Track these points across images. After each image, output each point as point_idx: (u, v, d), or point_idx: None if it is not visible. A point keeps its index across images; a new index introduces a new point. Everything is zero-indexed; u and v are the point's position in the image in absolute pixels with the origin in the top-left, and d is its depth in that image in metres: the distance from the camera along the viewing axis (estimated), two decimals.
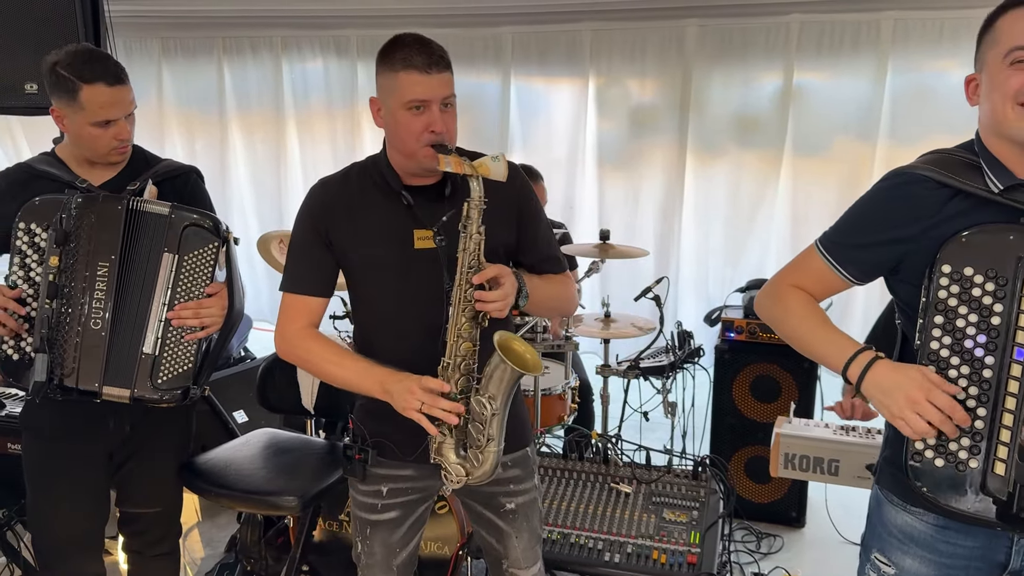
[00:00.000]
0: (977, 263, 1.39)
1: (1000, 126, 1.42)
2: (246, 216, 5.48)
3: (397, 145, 1.78)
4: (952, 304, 1.41)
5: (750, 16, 4.15)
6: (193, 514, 3.63)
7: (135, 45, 5.25)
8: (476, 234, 1.72)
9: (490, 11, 4.41)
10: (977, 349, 1.40)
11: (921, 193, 1.47)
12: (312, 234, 1.86)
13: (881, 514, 1.63)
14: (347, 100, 5.08)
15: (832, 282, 1.60)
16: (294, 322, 1.88)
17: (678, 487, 2.89)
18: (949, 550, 1.52)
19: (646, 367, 3.60)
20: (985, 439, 1.40)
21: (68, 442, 2.17)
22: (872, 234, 1.53)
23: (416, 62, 1.70)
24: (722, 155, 4.45)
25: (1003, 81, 1.39)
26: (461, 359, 1.75)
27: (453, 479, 1.77)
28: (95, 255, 2.07)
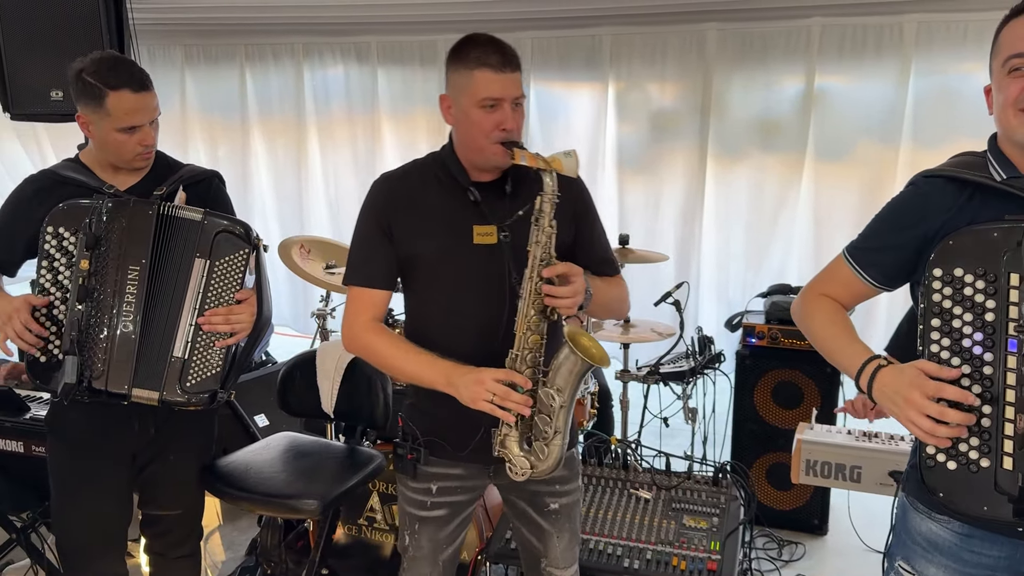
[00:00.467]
0: (966, 263, 1.42)
1: (1007, 132, 1.46)
2: (267, 221, 5.52)
3: (467, 141, 1.83)
4: (947, 306, 1.44)
5: (771, 20, 4.12)
6: (214, 517, 3.65)
7: (158, 52, 5.30)
8: (548, 227, 1.75)
9: (509, 16, 4.40)
10: (976, 347, 1.41)
11: (931, 192, 1.52)
12: (375, 227, 1.90)
13: (906, 522, 1.62)
14: (367, 106, 5.10)
15: (858, 288, 1.63)
16: (360, 315, 1.91)
17: (698, 493, 2.87)
18: (974, 559, 1.51)
19: (666, 372, 3.58)
20: (993, 436, 1.39)
21: (93, 444, 2.20)
22: (890, 236, 1.57)
23: (491, 61, 1.75)
24: (743, 159, 4.42)
25: (1004, 89, 1.43)
26: (529, 351, 1.77)
27: (518, 472, 1.78)
28: (126, 259, 2.10)
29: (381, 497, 3.01)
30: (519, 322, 1.78)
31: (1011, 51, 1.42)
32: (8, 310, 2.06)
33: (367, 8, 4.46)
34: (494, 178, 1.88)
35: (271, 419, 3.81)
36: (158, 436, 2.25)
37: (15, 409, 2.79)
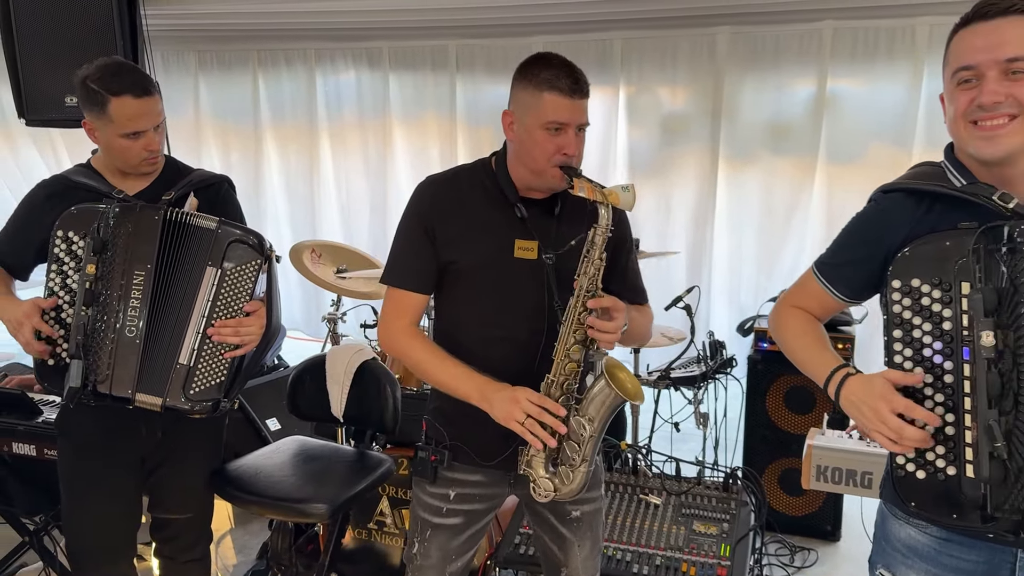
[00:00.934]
0: (922, 273, 1.43)
1: (959, 144, 1.47)
2: (280, 226, 5.54)
3: (526, 160, 1.81)
4: (907, 316, 1.45)
5: (782, 23, 4.11)
6: (226, 521, 3.66)
7: (172, 58, 5.34)
8: (598, 259, 1.76)
9: (521, 21, 4.41)
10: (936, 356, 1.43)
11: (891, 206, 1.53)
12: (418, 230, 1.88)
13: (885, 529, 1.63)
14: (379, 111, 5.12)
15: (828, 302, 1.66)
16: (399, 319, 1.92)
17: (708, 499, 2.85)
18: (953, 564, 1.51)
19: (677, 377, 3.57)
20: (956, 444, 1.40)
21: (101, 448, 2.21)
22: (854, 252, 1.59)
23: (562, 85, 1.74)
24: (755, 163, 4.40)
25: (954, 100, 1.44)
26: (564, 378, 1.77)
27: (541, 493, 1.79)
28: (131, 263, 2.11)
29: (391, 501, 3.01)
30: (559, 348, 1.77)
31: (959, 63, 1.42)
32: (18, 315, 2.08)
33: (379, 14, 4.47)
34: (544, 197, 1.88)
35: (282, 423, 3.82)
36: (166, 440, 2.26)
37: (28, 412, 2.82)
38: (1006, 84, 1.38)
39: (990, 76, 1.38)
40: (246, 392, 3.83)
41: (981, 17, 1.41)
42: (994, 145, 1.40)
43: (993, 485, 1.36)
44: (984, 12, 1.40)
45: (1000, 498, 1.36)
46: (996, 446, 1.33)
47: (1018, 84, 1.37)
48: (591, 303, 1.74)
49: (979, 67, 1.39)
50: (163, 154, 2.33)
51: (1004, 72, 1.38)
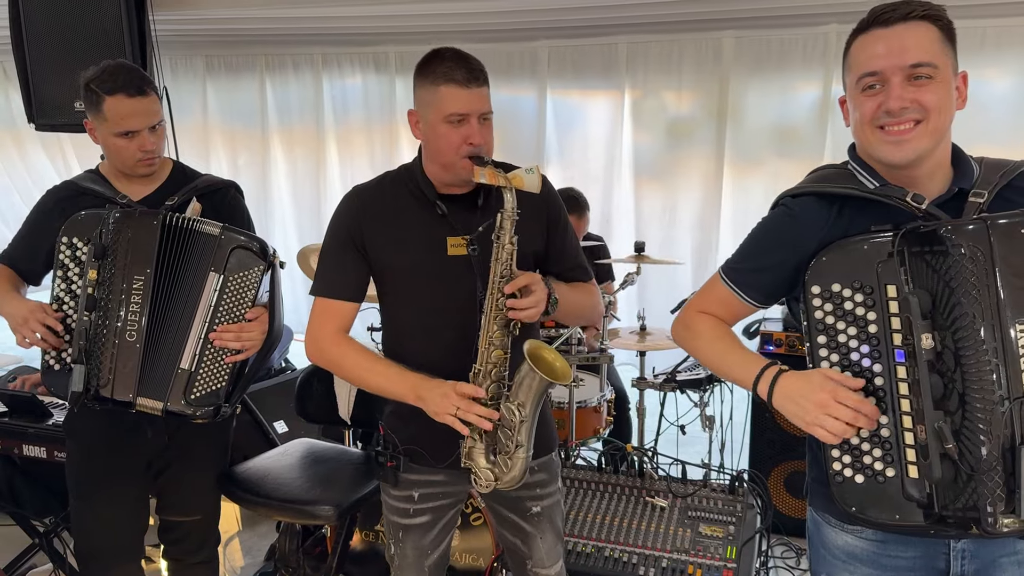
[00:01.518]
0: (842, 277, 1.43)
1: (867, 148, 1.47)
2: (286, 229, 5.56)
3: (435, 156, 1.83)
4: (830, 322, 1.45)
5: (787, 27, 4.11)
6: (234, 523, 3.68)
7: (180, 63, 5.37)
8: (508, 244, 1.77)
9: (526, 26, 4.42)
10: (864, 360, 1.43)
11: (801, 213, 1.53)
12: (345, 239, 1.89)
13: (821, 537, 1.63)
14: (385, 115, 5.13)
15: (736, 307, 1.65)
16: (325, 326, 1.91)
17: (714, 501, 2.86)
18: (892, 563, 1.54)
19: (683, 380, 3.58)
20: (894, 446, 1.41)
21: (107, 451, 2.23)
22: (765, 258, 1.59)
23: (457, 76, 1.76)
24: (760, 166, 4.40)
25: (860, 106, 1.44)
26: (492, 366, 1.78)
27: (483, 483, 1.80)
28: (131, 269, 2.12)
29: None
30: (482, 337, 1.79)
31: (863, 69, 1.43)
32: (23, 312, 2.11)
33: (385, 19, 4.49)
34: (465, 191, 1.89)
35: (290, 426, 3.84)
36: (172, 443, 2.27)
37: (38, 415, 2.84)
38: (911, 90, 1.39)
39: (895, 82, 1.39)
40: (254, 395, 3.85)
41: (881, 23, 1.42)
42: (902, 150, 1.41)
43: (943, 485, 1.37)
44: (884, 19, 1.41)
45: (949, 497, 1.37)
46: (947, 447, 1.34)
47: (922, 89, 1.39)
48: (507, 288, 1.74)
49: (883, 73, 1.40)
50: (169, 158, 2.35)
51: (908, 78, 1.39)
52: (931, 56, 1.39)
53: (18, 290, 2.25)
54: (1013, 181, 1.47)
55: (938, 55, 1.40)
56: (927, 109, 1.39)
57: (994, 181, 1.45)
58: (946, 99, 1.41)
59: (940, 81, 1.40)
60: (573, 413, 3.39)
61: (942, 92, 1.40)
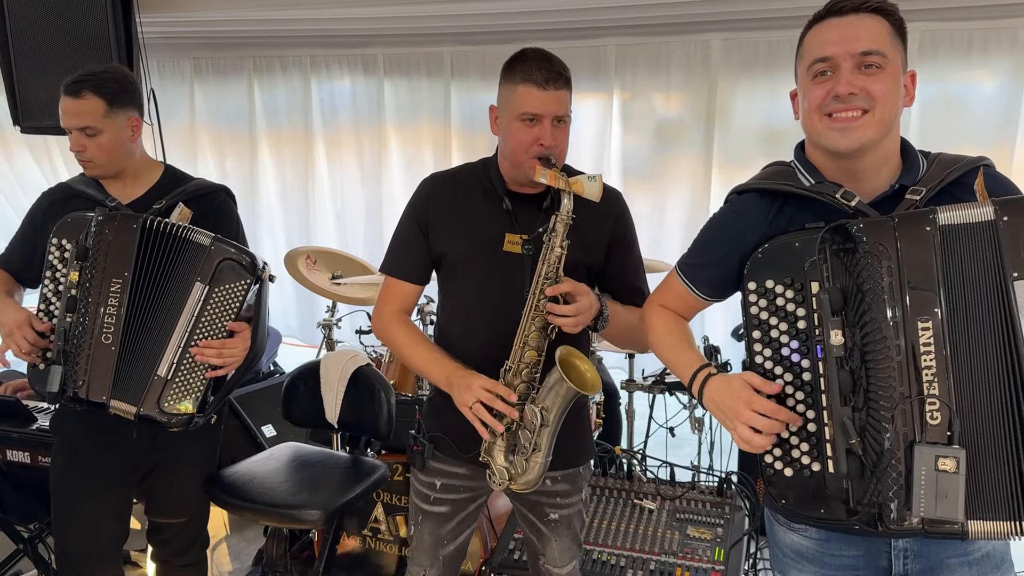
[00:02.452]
0: (776, 274, 1.46)
1: (813, 137, 1.50)
2: (275, 232, 5.54)
3: (507, 153, 1.87)
4: (764, 317, 1.48)
5: (775, 29, 4.12)
6: (221, 527, 3.66)
7: (168, 65, 5.35)
8: (559, 248, 1.77)
9: (514, 28, 4.41)
10: (794, 355, 1.45)
11: (744, 208, 1.57)
12: (413, 223, 1.97)
13: (774, 536, 1.66)
14: (374, 118, 5.12)
15: (691, 301, 1.69)
16: (389, 304, 2.00)
17: (703, 504, 2.86)
18: (836, 562, 1.55)
19: (672, 382, 3.58)
20: (819, 441, 1.43)
21: (92, 451, 2.23)
22: (713, 253, 1.62)
23: (535, 77, 1.77)
24: (748, 168, 4.36)
25: (809, 93, 1.47)
26: (524, 366, 1.79)
27: (497, 481, 1.82)
28: (110, 271, 2.12)
29: (385, 508, 3.01)
30: (518, 335, 1.80)
31: (815, 56, 1.46)
32: (10, 324, 2.11)
33: (374, 21, 4.48)
34: (535, 192, 1.90)
35: (278, 430, 3.82)
36: (158, 445, 2.27)
37: (22, 420, 2.82)
38: (860, 78, 1.42)
39: (845, 68, 1.42)
40: (242, 398, 3.83)
41: (835, 13, 1.45)
42: (848, 137, 1.43)
43: (852, 480, 1.39)
44: (838, 8, 1.45)
45: (860, 492, 1.39)
46: (851, 442, 1.37)
47: (871, 78, 1.41)
48: (549, 290, 1.75)
49: (835, 59, 1.43)
50: (161, 162, 2.37)
51: (858, 65, 1.42)
52: (881, 46, 1.42)
53: (12, 295, 2.25)
54: (962, 178, 1.47)
55: (888, 47, 1.43)
56: (874, 98, 1.41)
57: (939, 177, 1.46)
58: (894, 91, 1.43)
59: (889, 73, 1.42)
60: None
61: (890, 83, 1.42)
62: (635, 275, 2.02)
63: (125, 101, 2.20)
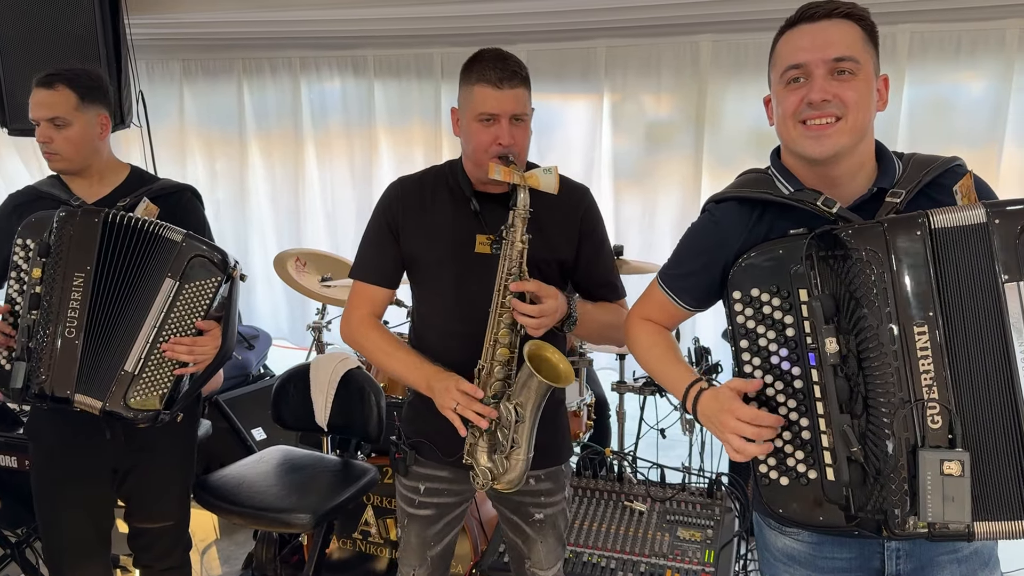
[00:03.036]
0: (760, 282, 1.46)
1: (788, 144, 1.49)
2: (265, 235, 5.52)
3: (468, 154, 1.88)
4: (751, 326, 1.47)
5: (765, 31, 4.10)
6: (211, 531, 3.64)
7: (156, 67, 5.33)
8: (519, 242, 1.77)
9: (505, 29, 4.41)
10: (783, 363, 1.45)
11: (722, 217, 1.56)
12: (383, 227, 1.96)
13: (764, 539, 1.65)
14: (364, 119, 5.11)
15: (674, 311, 1.68)
16: (358, 309, 1.98)
17: (693, 505, 2.86)
18: (829, 565, 1.55)
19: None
20: (814, 448, 1.42)
21: (68, 452, 2.23)
22: (694, 263, 1.61)
23: (489, 76, 1.78)
24: (738, 170, 4.34)
25: (783, 100, 1.46)
26: (497, 364, 1.79)
27: (480, 481, 1.81)
28: (72, 266, 2.11)
29: (376, 511, 3.00)
30: (487, 334, 1.80)
31: (787, 62, 1.45)
32: None
33: (364, 22, 4.47)
34: (502, 191, 1.89)
35: (268, 433, 3.81)
36: (132, 446, 2.25)
37: (9, 423, 2.80)
38: (833, 84, 1.41)
39: (818, 74, 1.41)
40: (231, 402, 3.82)
41: (807, 19, 1.45)
42: (822, 144, 1.42)
43: (854, 487, 1.38)
44: (810, 14, 1.45)
45: (862, 499, 1.38)
46: (852, 450, 1.36)
47: (844, 85, 1.41)
48: (513, 286, 1.75)
49: (807, 65, 1.42)
50: (128, 163, 2.36)
51: (830, 71, 1.41)
52: (854, 52, 1.42)
53: None
54: (938, 179, 1.47)
55: (860, 52, 1.43)
56: (847, 105, 1.41)
57: (916, 179, 1.46)
58: (867, 97, 1.43)
59: (862, 78, 1.42)
60: None
61: (863, 89, 1.42)
62: (606, 269, 2.02)
63: (97, 98, 2.23)
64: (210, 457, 3.47)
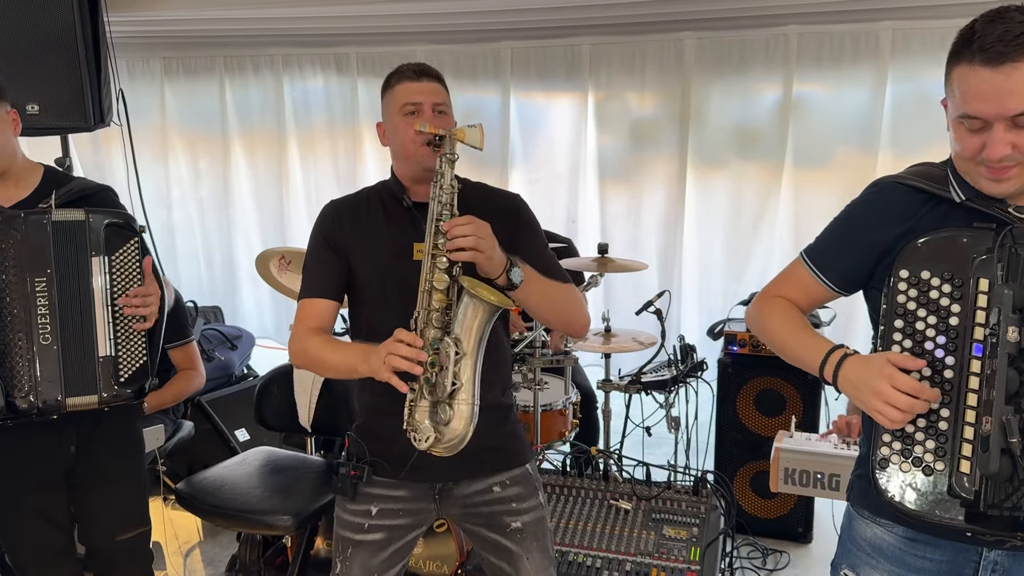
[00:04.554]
0: (933, 266, 1.42)
1: (964, 174, 1.45)
2: (249, 233, 5.49)
3: (398, 152, 1.89)
4: (911, 308, 1.44)
5: (748, 28, 4.14)
6: (195, 533, 3.62)
7: (137, 65, 5.28)
8: (449, 186, 1.75)
9: (489, 27, 4.41)
10: (937, 350, 1.42)
11: (895, 199, 1.52)
12: (320, 243, 1.94)
13: (852, 530, 1.63)
14: (348, 117, 5.09)
15: (816, 291, 1.64)
16: (301, 323, 1.93)
17: (678, 503, 2.85)
18: (918, 564, 1.52)
19: (648, 381, 3.57)
20: (950, 440, 1.40)
21: (20, 465, 2.17)
22: (849, 239, 1.58)
23: (406, 73, 1.88)
24: (723, 167, 4.43)
25: (960, 139, 1.40)
26: (435, 311, 1.70)
27: (421, 438, 1.68)
28: (29, 272, 2.07)
29: None
30: (421, 281, 1.73)
31: (965, 110, 1.37)
32: None
33: (346, 19, 4.45)
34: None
35: (252, 434, 3.78)
36: (80, 457, 2.21)
37: None
38: (1012, 135, 1.35)
39: (998, 128, 1.35)
40: (215, 402, 3.79)
41: (989, 62, 1.32)
42: (1001, 187, 1.39)
43: (998, 482, 1.34)
44: (991, 58, 1.32)
45: (1000, 495, 1.35)
46: (1011, 441, 1.32)
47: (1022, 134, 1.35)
48: (445, 225, 1.70)
49: (987, 118, 1.35)
50: (41, 163, 2.29)
51: (1011, 123, 1.34)
52: None
53: None
54: None
55: None
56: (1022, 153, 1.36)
57: None
58: None
59: None
60: (538, 416, 3.37)
61: None
62: (549, 261, 1.96)
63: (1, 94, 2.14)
64: (193, 458, 3.44)
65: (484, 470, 1.92)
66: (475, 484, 1.92)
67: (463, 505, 1.93)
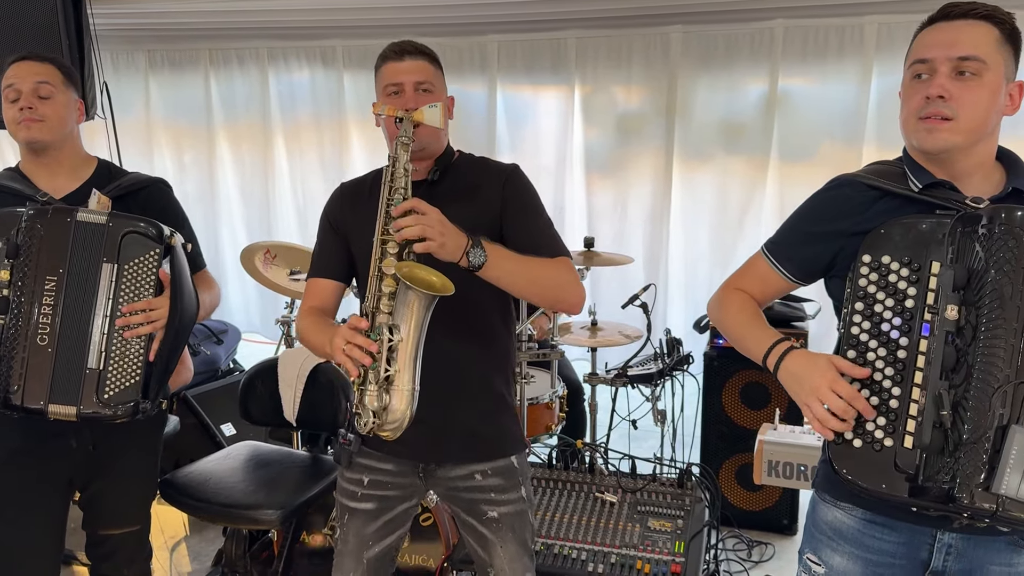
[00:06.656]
0: (894, 251, 1.48)
1: (906, 135, 1.54)
2: (234, 227, 5.46)
3: (387, 131, 1.89)
4: (871, 291, 1.49)
5: (734, 22, 4.14)
6: (181, 528, 3.61)
7: (121, 58, 5.25)
8: (402, 170, 1.74)
9: (475, 20, 4.39)
10: (893, 332, 1.47)
11: (850, 194, 1.59)
12: (326, 226, 2.00)
13: (815, 515, 1.68)
14: (334, 110, 5.07)
15: (774, 282, 1.70)
16: (306, 303, 1.99)
17: (663, 496, 2.87)
18: (876, 545, 1.57)
19: (634, 375, 3.58)
20: (899, 417, 1.44)
21: (23, 463, 2.12)
22: (806, 231, 1.64)
23: (389, 54, 1.88)
24: (709, 161, 4.44)
25: (909, 99, 1.51)
26: (384, 296, 1.67)
27: (362, 422, 1.68)
28: (43, 268, 2.02)
29: None
30: (371, 266, 1.72)
31: (916, 56, 1.49)
32: None
33: (332, 12, 4.43)
34: (421, 179, 1.90)
35: (237, 428, 3.77)
36: (97, 454, 2.16)
37: None
38: (953, 84, 1.44)
39: (941, 71, 1.45)
40: (200, 397, 3.78)
41: (944, 17, 1.47)
42: (933, 137, 1.47)
43: (930, 454, 1.39)
44: (947, 13, 1.47)
45: (934, 468, 1.39)
46: (942, 414, 1.37)
47: (963, 85, 1.44)
48: (395, 210, 1.68)
49: (932, 61, 1.46)
50: (95, 156, 2.27)
51: (954, 70, 1.45)
52: (982, 53, 1.44)
53: None
54: None
55: (990, 54, 1.45)
56: (961, 107, 1.44)
57: None
58: (985, 100, 1.45)
59: (985, 81, 1.45)
60: (524, 410, 3.38)
61: (983, 93, 1.45)
62: (540, 231, 1.93)
63: (75, 82, 2.20)
64: (179, 453, 3.43)
65: (466, 457, 1.93)
66: (457, 469, 1.94)
67: (447, 487, 1.97)
